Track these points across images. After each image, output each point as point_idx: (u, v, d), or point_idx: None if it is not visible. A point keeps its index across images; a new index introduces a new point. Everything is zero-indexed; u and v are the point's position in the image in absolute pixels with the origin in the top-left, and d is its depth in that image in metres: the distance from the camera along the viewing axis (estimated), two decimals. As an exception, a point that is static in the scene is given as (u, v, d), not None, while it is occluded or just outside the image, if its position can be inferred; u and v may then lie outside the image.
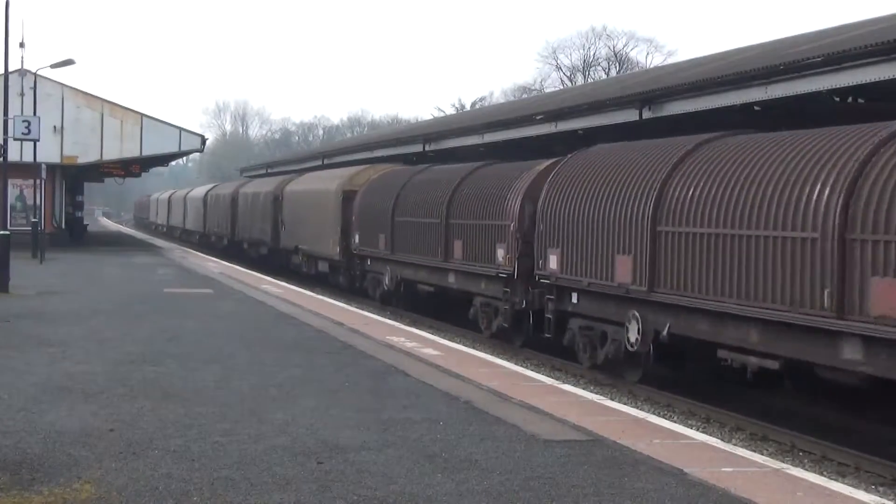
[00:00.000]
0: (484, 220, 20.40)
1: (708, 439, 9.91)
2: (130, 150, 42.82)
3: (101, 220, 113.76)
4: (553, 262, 17.23)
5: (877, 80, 14.57)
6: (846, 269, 11.05)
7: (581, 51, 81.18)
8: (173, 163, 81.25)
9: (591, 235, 16.09)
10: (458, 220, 21.71)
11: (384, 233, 26.22)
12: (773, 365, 12.32)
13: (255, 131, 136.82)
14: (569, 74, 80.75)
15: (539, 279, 17.85)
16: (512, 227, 19.02)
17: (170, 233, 75.08)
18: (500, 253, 19.38)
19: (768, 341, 12.27)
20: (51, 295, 22.17)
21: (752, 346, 12.54)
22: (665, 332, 14.13)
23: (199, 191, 62.91)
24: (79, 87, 42.45)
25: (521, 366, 15.54)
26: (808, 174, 11.88)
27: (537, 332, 18.19)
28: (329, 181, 32.84)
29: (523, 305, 18.54)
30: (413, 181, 25.96)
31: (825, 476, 9.38)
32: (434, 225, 22.93)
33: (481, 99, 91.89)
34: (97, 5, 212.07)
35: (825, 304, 11.23)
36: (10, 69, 26.64)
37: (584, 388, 13.89)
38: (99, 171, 46.82)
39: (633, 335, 14.83)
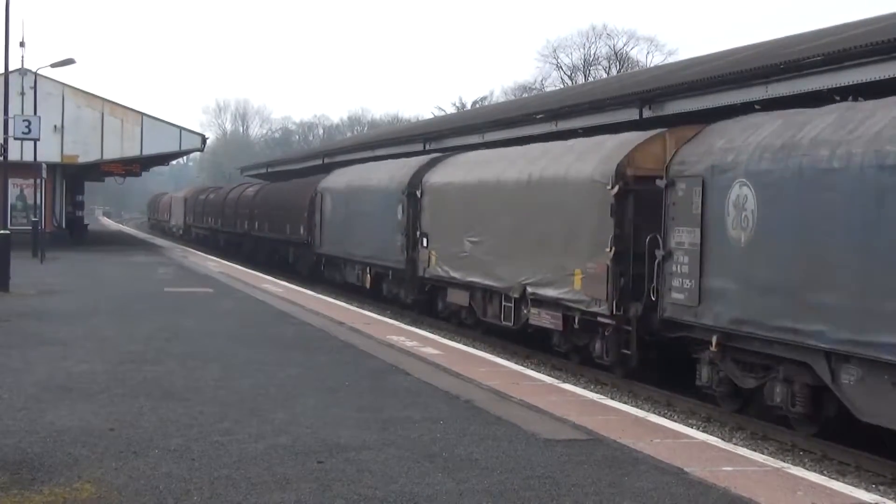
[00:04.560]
0: None
1: (708, 438, 9.91)
2: (131, 150, 42.78)
3: (102, 220, 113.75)
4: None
5: (878, 78, 14.57)
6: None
7: (581, 50, 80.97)
8: (174, 162, 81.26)
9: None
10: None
11: None
12: None
13: (255, 130, 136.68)
14: (569, 73, 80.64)
15: None
16: None
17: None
18: None
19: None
20: (51, 294, 22.16)
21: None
22: None
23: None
24: (79, 87, 42.50)
25: (522, 365, 15.53)
26: None
27: None
28: None
29: None
30: None
31: (825, 475, 9.36)
32: None
33: (482, 98, 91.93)
34: (97, 5, 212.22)
35: None
36: (11, 68, 26.65)
37: (584, 388, 13.88)
38: (99, 170, 46.79)
39: None
